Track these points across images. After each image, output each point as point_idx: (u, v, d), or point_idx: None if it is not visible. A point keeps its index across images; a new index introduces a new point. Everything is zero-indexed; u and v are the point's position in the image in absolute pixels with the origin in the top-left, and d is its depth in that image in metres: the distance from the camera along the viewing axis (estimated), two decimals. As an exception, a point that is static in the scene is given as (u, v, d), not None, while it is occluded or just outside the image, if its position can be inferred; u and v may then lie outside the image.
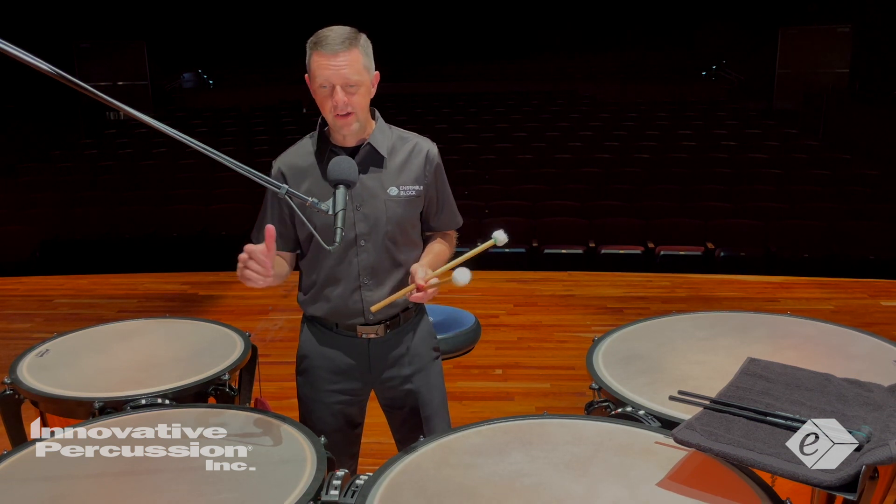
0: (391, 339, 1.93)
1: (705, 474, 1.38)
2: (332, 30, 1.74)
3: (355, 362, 1.94)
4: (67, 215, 7.39)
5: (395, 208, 1.85)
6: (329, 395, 1.96)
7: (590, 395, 1.84)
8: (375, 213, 1.83)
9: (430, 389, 2.00)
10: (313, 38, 1.75)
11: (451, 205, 1.99)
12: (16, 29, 9.75)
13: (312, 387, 1.98)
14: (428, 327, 2.02)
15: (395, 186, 1.85)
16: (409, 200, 1.87)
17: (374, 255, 1.85)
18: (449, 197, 1.98)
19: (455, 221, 2.01)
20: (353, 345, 1.93)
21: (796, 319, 2.16)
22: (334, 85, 1.72)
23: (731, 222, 6.72)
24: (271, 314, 4.57)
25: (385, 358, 1.94)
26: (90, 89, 1.28)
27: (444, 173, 1.97)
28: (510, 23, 14.28)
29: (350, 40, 1.73)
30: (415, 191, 1.87)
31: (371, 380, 1.97)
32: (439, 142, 2.02)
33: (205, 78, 15.12)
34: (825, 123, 10.57)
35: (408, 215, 1.87)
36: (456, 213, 2.01)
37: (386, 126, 1.90)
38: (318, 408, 1.98)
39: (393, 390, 1.98)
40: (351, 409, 1.99)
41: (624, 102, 11.66)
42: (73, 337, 2.28)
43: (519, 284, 5.38)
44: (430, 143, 1.93)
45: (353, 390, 1.97)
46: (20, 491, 1.46)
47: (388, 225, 1.84)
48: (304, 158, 1.88)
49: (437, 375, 2.03)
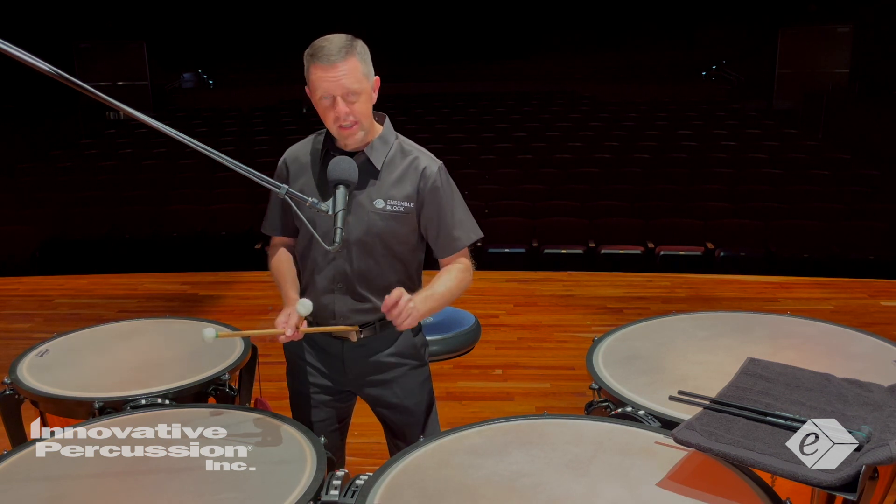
0: (367, 345, 1.91)
1: (705, 474, 1.38)
2: (327, 40, 1.72)
3: (331, 362, 1.95)
4: (67, 215, 7.38)
5: (377, 221, 1.82)
6: (310, 387, 1.98)
7: (590, 395, 1.84)
8: (357, 222, 1.81)
9: (409, 397, 1.97)
10: (310, 49, 1.73)
11: (449, 229, 1.86)
12: (16, 29, 9.75)
13: (296, 378, 2.01)
14: (410, 338, 1.96)
15: (382, 199, 1.82)
16: (395, 216, 1.82)
17: (349, 263, 1.84)
18: (447, 220, 1.86)
19: (452, 247, 1.87)
20: (329, 344, 1.94)
21: (796, 319, 2.16)
22: (335, 96, 1.72)
23: (731, 222, 6.72)
24: (271, 314, 4.55)
25: (360, 362, 1.93)
26: (90, 89, 1.28)
27: (448, 195, 1.86)
28: (510, 23, 14.27)
29: (346, 49, 1.71)
30: (403, 207, 1.82)
31: (348, 381, 1.97)
32: (439, 142, 2.01)
33: (205, 78, 15.11)
34: (825, 123, 10.56)
35: (391, 230, 1.83)
36: (455, 239, 1.87)
37: (392, 135, 1.87)
38: (302, 400, 2.00)
39: (370, 395, 1.98)
40: (336, 404, 2.00)
41: (624, 102, 11.65)
42: (73, 337, 2.28)
43: (519, 284, 5.38)
44: (431, 161, 1.85)
45: (333, 388, 1.98)
46: (20, 491, 1.46)
47: (368, 236, 1.82)
48: (307, 155, 1.90)
49: (419, 384, 1.99)
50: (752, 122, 10.43)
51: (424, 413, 2.01)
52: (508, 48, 14.72)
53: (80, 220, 7.32)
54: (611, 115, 10.82)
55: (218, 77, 15.10)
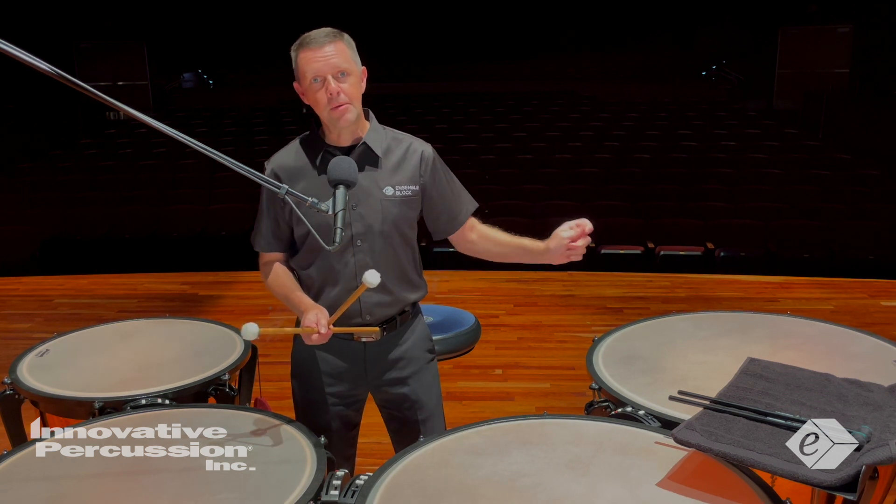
0: (387, 342, 1.92)
1: (705, 474, 1.38)
2: (313, 31, 1.77)
3: (351, 366, 1.93)
4: (67, 215, 7.38)
5: (390, 208, 1.84)
6: (326, 397, 1.95)
7: (590, 395, 1.85)
8: (372, 212, 1.82)
9: (426, 392, 1.99)
10: (296, 42, 1.77)
11: (454, 203, 1.95)
12: (16, 29, 9.75)
13: (309, 389, 1.97)
14: (423, 329, 2.01)
15: (390, 186, 1.84)
16: (404, 200, 1.86)
17: (371, 255, 1.84)
18: (451, 196, 1.94)
19: (460, 220, 1.96)
20: (349, 348, 1.91)
21: (796, 319, 2.16)
22: (326, 76, 1.73)
23: (731, 222, 6.72)
24: (271, 314, 4.57)
25: (381, 361, 1.93)
26: (90, 89, 1.28)
27: (447, 173, 1.95)
28: (510, 23, 14.26)
29: (334, 34, 1.76)
30: (410, 191, 1.86)
31: (367, 382, 1.96)
32: (439, 142, 2.02)
33: (205, 78, 15.10)
34: (825, 123, 10.55)
35: (403, 215, 1.86)
36: (461, 212, 1.96)
37: (380, 127, 1.90)
38: (314, 411, 1.96)
39: (389, 393, 1.97)
40: (348, 411, 1.98)
41: (624, 102, 11.64)
42: (73, 337, 2.28)
43: (519, 284, 5.38)
44: (424, 144, 1.92)
45: (350, 393, 1.96)
46: (20, 491, 1.46)
47: (385, 224, 1.84)
48: (296, 159, 1.87)
49: (432, 377, 2.02)
50: (752, 122, 10.42)
51: (437, 407, 2.02)
52: (508, 48, 14.70)
53: (80, 220, 7.32)
54: (611, 115, 10.81)
55: (218, 77, 15.08)
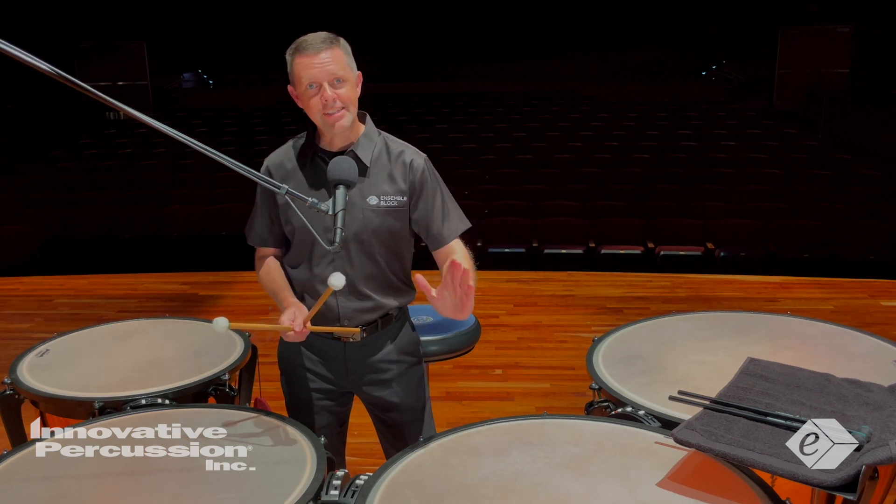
0: (368, 344, 1.91)
1: (705, 474, 1.38)
2: (309, 35, 1.75)
3: (332, 364, 1.94)
4: (67, 215, 7.38)
5: (372, 218, 1.82)
6: (311, 394, 1.96)
7: (590, 395, 1.84)
8: (352, 221, 1.79)
9: (409, 395, 1.98)
10: (292, 46, 1.76)
11: (442, 219, 1.86)
12: (16, 29, 9.75)
13: (294, 386, 1.99)
14: (409, 333, 1.99)
15: (374, 196, 1.82)
16: (389, 211, 1.83)
17: (349, 262, 1.84)
18: (439, 211, 1.86)
19: (446, 238, 1.86)
20: (330, 346, 1.92)
21: (796, 319, 2.16)
22: (321, 82, 1.72)
23: (731, 222, 6.72)
24: (271, 314, 4.57)
25: (362, 362, 1.93)
26: (90, 89, 1.28)
27: (437, 186, 1.87)
28: (510, 23, 14.27)
29: (331, 40, 1.74)
30: (397, 202, 1.83)
31: (349, 382, 1.96)
32: (439, 142, 2.01)
33: (205, 78, 15.11)
34: (825, 123, 10.55)
35: (387, 225, 1.83)
36: (449, 230, 1.86)
37: (375, 132, 1.87)
38: (302, 407, 1.98)
39: (371, 395, 1.97)
40: (334, 408, 1.99)
41: (624, 102, 11.64)
42: (73, 337, 2.28)
43: (519, 284, 5.38)
44: (417, 155, 1.87)
45: (334, 391, 1.97)
46: (20, 491, 1.46)
47: (364, 234, 1.82)
48: (289, 160, 1.88)
49: (417, 381, 2.01)
50: (752, 122, 10.42)
51: (421, 411, 2.01)
52: (508, 48, 14.71)
53: (80, 220, 7.32)
54: (611, 115, 10.81)
55: (218, 77, 15.09)
